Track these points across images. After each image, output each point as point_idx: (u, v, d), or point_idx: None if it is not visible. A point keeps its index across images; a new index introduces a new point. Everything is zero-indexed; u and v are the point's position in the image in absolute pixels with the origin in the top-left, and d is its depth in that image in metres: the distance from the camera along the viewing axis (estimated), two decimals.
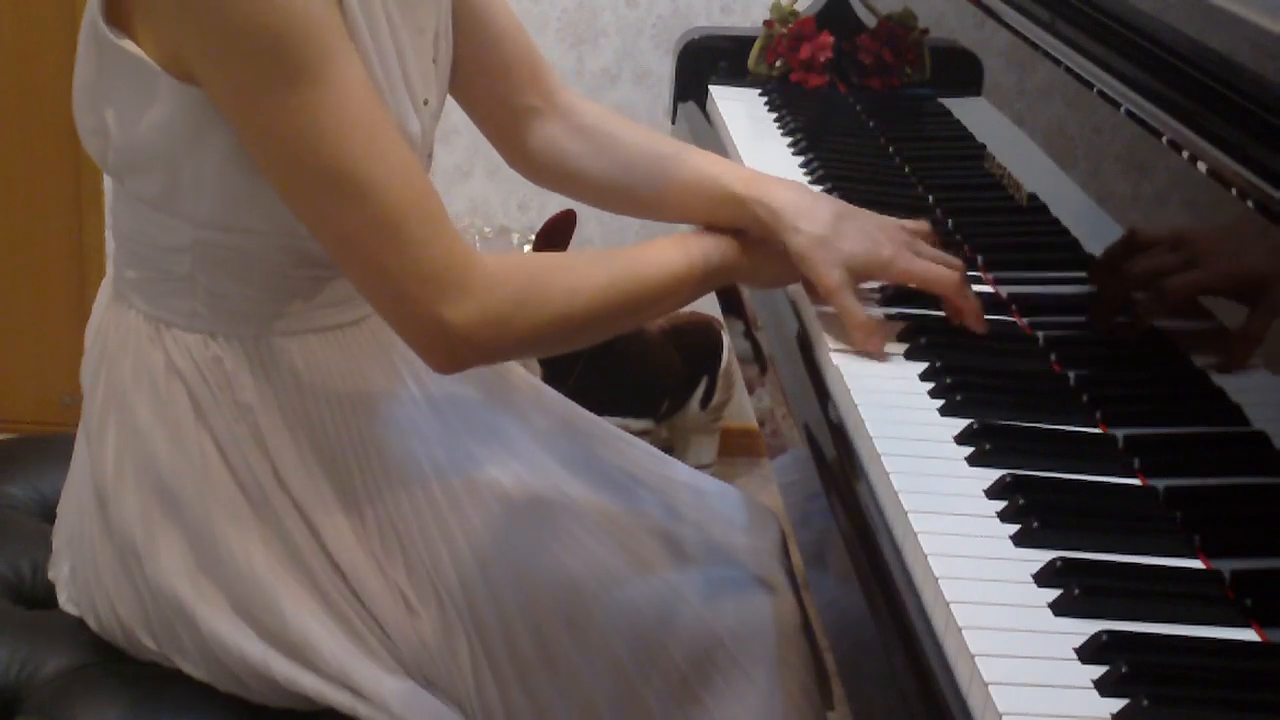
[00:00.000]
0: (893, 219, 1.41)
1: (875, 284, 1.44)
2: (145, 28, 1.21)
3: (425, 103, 1.33)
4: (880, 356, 1.34)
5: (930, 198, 1.71)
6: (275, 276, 1.29)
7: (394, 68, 1.27)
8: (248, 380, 1.30)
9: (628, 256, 1.35)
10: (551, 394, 1.53)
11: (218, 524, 1.30)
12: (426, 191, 1.22)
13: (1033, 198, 1.56)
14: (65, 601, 1.40)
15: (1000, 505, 1.12)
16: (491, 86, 1.48)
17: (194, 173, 1.24)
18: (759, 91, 2.08)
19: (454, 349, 1.24)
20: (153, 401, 1.30)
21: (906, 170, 1.80)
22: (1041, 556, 1.06)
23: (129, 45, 1.21)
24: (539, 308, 1.26)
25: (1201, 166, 1.21)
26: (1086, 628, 0.99)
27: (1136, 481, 1.18)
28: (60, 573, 1.41)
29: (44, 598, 1.46)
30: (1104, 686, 0.94)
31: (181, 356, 1.30)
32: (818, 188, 1.73)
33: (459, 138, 2.89)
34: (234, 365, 1.30)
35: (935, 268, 1.37)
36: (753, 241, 1.40)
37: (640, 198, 1.48)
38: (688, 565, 1.43)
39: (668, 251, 1.36)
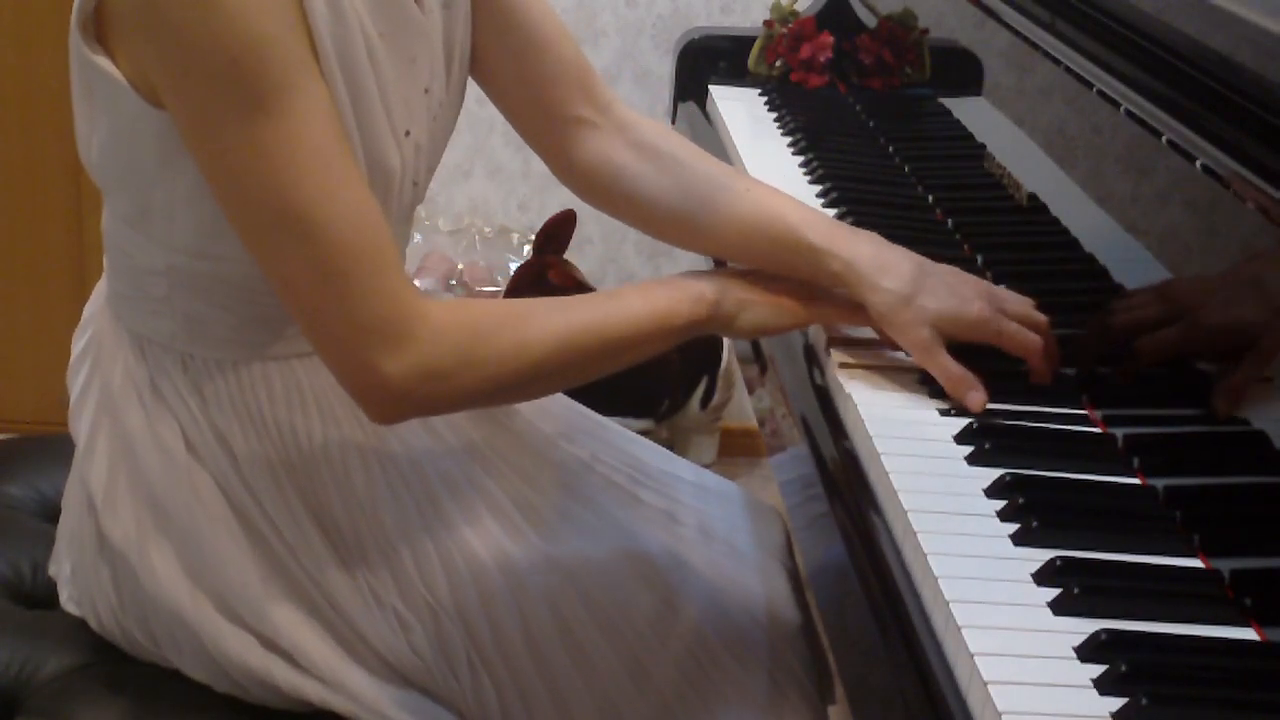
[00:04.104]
0: (973, 275, 1.33)
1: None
2: (118, 45, 1.18)
3: (407, 134, 1.27)
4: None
5: (930, 198, 1.71)
6: (252, 304, 1.26)
7: (372, 99, 1.22)
8: (226, 407, 1.29)
9: (592, 309, 1.26)
10: (555, 394, 1.51)
11: (207, 538, 1.29)
12: (377, 236, 1.16)
13: (1033, 198, 1.56)
14: (66, 600, 1.40)
15: (1000, 504, 1.12)
16: (535, 95, 1.39)
17: (165, 197, 1.22)
18: (759, 91, 2.08)
19: (390, 401, 1.19)
20: (142, 415, 1.30)
21: (906, 170, 1.80)
22: (1041, 556, 1.06)
23: (103, 62, 1.18)
24: (483, 364, 1.20)
25: (1201, 166, 1.22)
26: (1086, 627, 0.99)
27: (1136, 481, 1.18)
28: (61, 570, 1.41)
29: (44, 598, 1.46)
30: (1103, 685, 0.94)
31: (163, 378, 1.29)
32: (817, 187, 1.74)
33: (459, 137, 2.88)
34: (212, 392, 1.29)
35: (1025, 334, 1.29)
36: (749, 298, 1.31)
37: (699, 229, 1.38)
38: (688, 565, 1.43)
39: (637, 305, 1.27)
